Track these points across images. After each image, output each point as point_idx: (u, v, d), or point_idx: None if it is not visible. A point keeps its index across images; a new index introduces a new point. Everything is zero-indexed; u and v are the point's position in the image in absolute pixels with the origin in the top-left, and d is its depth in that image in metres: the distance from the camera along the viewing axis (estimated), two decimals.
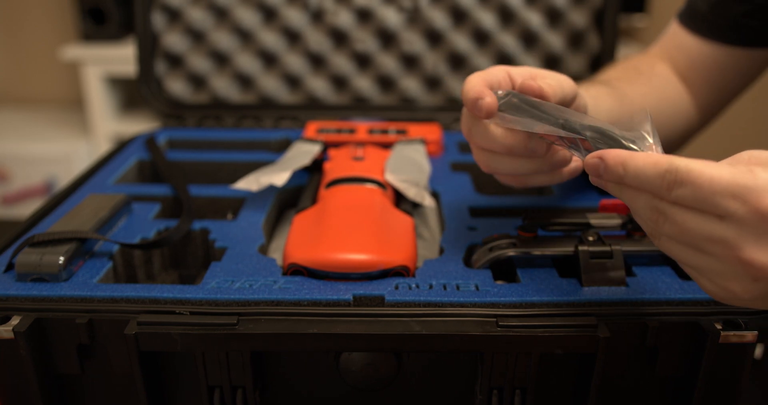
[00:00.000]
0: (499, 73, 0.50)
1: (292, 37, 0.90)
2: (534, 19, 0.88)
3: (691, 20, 0.69)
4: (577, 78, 0.90)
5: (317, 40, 0.89)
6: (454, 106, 0.92)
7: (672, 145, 0.72)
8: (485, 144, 0.49)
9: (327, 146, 0.75)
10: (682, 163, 0.35)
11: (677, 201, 0.35)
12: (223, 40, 0.89)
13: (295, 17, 0.89)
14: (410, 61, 0.91)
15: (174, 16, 0.89)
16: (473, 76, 0.49)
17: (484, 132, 0.48)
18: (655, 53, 0.74)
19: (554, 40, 0.89)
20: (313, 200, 0.61)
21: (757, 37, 0.66)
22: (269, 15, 0.90)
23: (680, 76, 0.71)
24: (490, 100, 0.47)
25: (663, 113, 0.69)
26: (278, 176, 0.63)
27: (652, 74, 0.70)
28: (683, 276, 0.50)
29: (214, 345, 0.44)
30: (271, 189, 0.66)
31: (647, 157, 0.36)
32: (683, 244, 0.36)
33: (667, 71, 0.71)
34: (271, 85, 0.91)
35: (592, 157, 0.39)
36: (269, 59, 0.91)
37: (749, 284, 0.34)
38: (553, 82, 0.49)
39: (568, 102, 0.51)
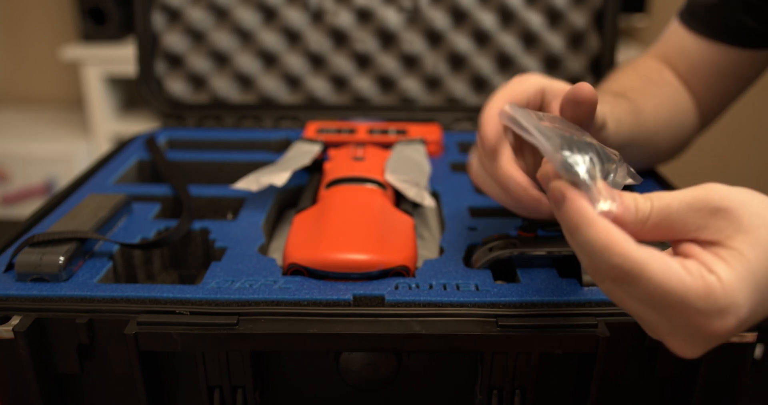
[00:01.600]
0: (530, 89, 0.48)
1: (292, 37, 0.90)
2: (534, 19, 0.88)
3: (692, 19, 0.69)
4: (577, 78, 0.91)
5: (317, 40, 0.89)
6: (454, 106, 0.92)
7: (676, 151, 0.72)
8: (495, 196, 0.48)
9: (327, 146, 0.75)
10: (639, 262, 0.32)
11: (626, 292, 0.34)
12: (223, 40, 0.89)
13: (295, 17, 0.89)
14: (410, 61, 0.91)
15: (174, 16, 0.89)
16: (493, 108, 0.46)
17: (493, 187, 0.47)
18: (655, 55, 0.74)
19: (554, 41, 0.89)
20: (313, 200, 0.61)
21: (757, 38, 0.66)
22: (269, 15, 0.90)
23: (681, 78, 0.71)
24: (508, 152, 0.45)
25: (673, 123, 0.69)
26: (278, 176, 0.63)
27: (663, 83, 0.70)
28: None
29: (214, 345, 0.44)
30: (271, 189, 0.66)
31: (607, 240, 0.33)
32: (613, 300, 0.36)
33: (673, 78, 0.71)
34: (271, 85, 0.91)
35: (558, 188, 0.35)
36: (269, 59, 0.91)
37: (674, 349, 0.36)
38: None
39: (597, 128, 0.51)
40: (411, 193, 0.61)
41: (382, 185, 0.62)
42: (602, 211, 0.34)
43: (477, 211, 0.62)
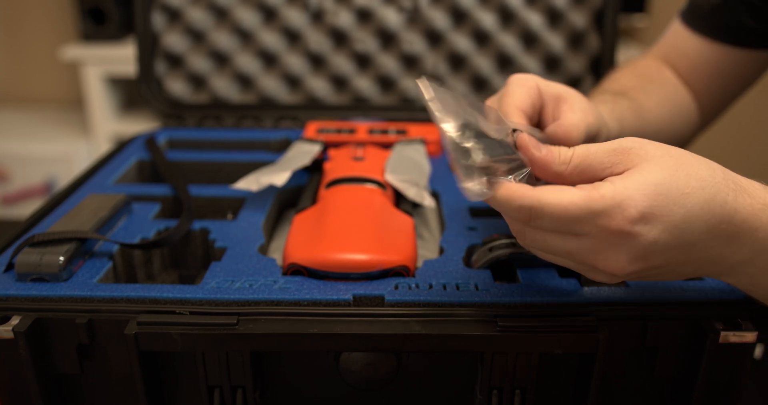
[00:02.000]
0: (532, 93, 0.50)
1: (292, 37, 0.90)
2: (534, 19, 0.88)
3: (693, 19, 0.69)
4: (577, 78, 0.91)
5: (317, 40, 0.89)
6: None
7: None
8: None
9: (327, 146, 0.75)
10: (535, 197, 0.38)
11: (538, 228, 0.39)
12: (223, 40, 0.89)
13: (295, 17, 0.89)
14: (410, 61, 0.91)
15: (174, 16, 0.89)
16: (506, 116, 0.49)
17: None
18: (655, 56, 0.74)
19: (554, 41, 0.89)
20: (313, 200, 0.61)
21: (758, 38, 0.66)
22: (269, 15, 0.90)
23: (681, 78, 0.71)
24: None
25: (675, 120, 0.69)
26: (278, 176, 0.63)
27: (663, 81, 0.70)
28: None
29: (214, 345, 0.44)
30: (271, 189, 0.66)
31: (507, 192, 0.39)
32: (547, 253, 0.41)
33: (673, 76, 0.71)
34: (271, 85, 0.91)
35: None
36: (269, 59, 0.91)
37: (609, 278, 0.40)
38: (576, 120, 0.49)
39: (593, 134, 0.52)
40: (411, 193, 0.61)
41: (382, 185, 0.62)
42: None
43: (477, 211, 0.62)
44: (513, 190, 0.39)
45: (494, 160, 0.40)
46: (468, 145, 0.40)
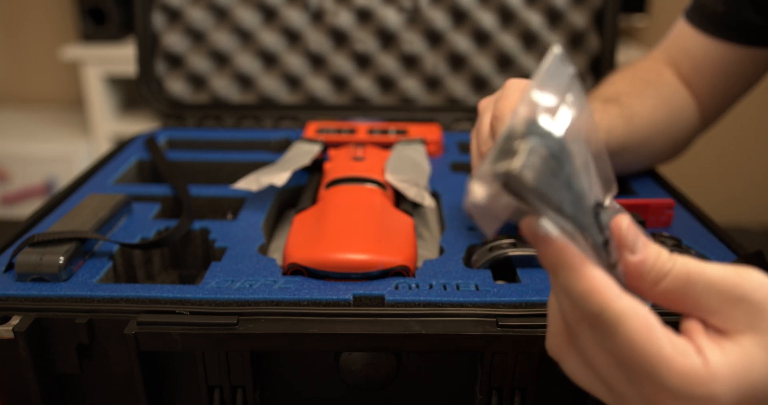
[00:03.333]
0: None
1: (292, 37, 0.90)
2: (534, 19, 0.88)
3: (699, 17, 0.69)
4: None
5: (317, 40, 0.89)
6: (454, 106, 0.92)
7: (675, 151, 0.72)
8: None
9: (327, 146, 0.75)
10: (617, 310, 0.29)
11: (598, 343, 0.30)
12: (223, 40, 0.89)
13: (295, 17, 0.89)
14: (410, 61, 0.91)
15: (174, 16, 0.89)
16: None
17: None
18: (658, 56, 0.74)
19: (554, 41, 0.89)
20: (313, 200, 0.61)
21: (763, 36, 0.66)
22: (269, 15, 0.90)
23: (684, 79, 0.71)
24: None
25: (672, 124, 0.69)
26: (278, 176, 0.63)
27: (661, 83, 0.70)
28: None
29: (214, 345, 0.44)
30: (271, 189, 0.66)
31: (585, 279, 0.29)
32: (588, 369, 0.32)
33: (673, 79, 0.71)
34: (271, 85, 0.91)
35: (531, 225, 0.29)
36: (269, 59, 0.91)
37: None
38: None
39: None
40: (411, 193, 0.61)
41: (382, 185, 0.62)
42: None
43: None
44: (596, 286, 0.29)
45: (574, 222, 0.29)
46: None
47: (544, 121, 0.28)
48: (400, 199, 0.63)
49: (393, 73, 0.90)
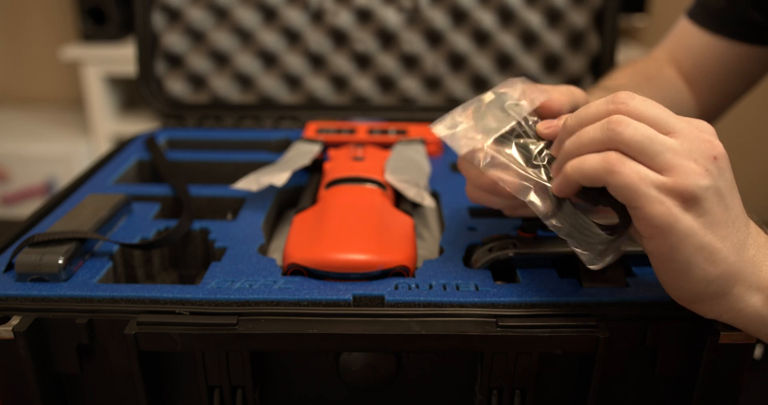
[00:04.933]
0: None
1: (292, 37, 0.90)
2: (534, 19, 0.88)
3: (701, 15, 0.69)
4: (577, 78, 0.91)
5: (317, 40, 0.89)
6: (454, 106, 0.91)
7: None
8: (490, 202, 0.51)
9: (327, 146, 0.75)
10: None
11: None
12: (223, 40, 0.89)
13: (295, 17, 0.89)
14: (410, 61, 0.91)
15: (174, 16, 0.89)
16: None
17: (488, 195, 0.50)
18: (659, 55, 0.74)
19: (554, 41, 0.89)
20: (313, 200, 0.61)
21: (764, 34, 0.66)
22: (269, 15, 0.90)
23: (684, 77, 0.71)
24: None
25: None
26: (278, 176, 0.63)
27: (660, 79, 0.70)
28: None
29: (213, 345, 0.44)
30: (271, 189, 0.66)
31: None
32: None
33: (673, 75, 0.71)
34: (271, 85, 0.91)
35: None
36: (269, 59, 0.91)
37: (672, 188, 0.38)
38: (563, 89, 0.50)
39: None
40: (411, 193, 0.61)
41: (382, 185, 0.62)
42: None
43: (477, 211, 0.62)
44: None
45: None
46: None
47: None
48: (400, 199, 0.63)
49: (393, 73, 0.90)
